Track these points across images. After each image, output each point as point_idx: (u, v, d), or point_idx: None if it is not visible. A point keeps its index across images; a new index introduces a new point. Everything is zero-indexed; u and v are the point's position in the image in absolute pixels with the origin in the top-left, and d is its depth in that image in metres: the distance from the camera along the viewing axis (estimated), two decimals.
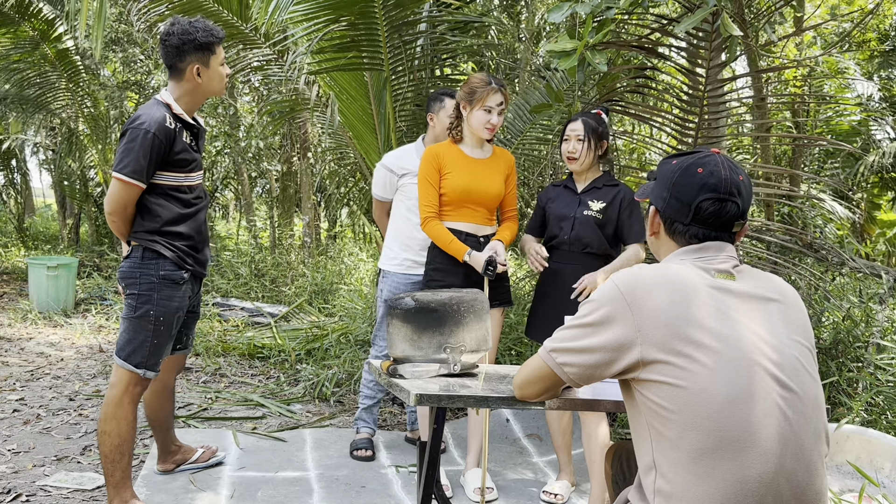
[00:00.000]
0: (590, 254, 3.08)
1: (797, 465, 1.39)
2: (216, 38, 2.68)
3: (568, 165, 3.15)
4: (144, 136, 2.54)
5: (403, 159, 3.51)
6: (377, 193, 3.63)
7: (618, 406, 1.85)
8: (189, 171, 2.71)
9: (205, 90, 2.72)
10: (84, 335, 6.02)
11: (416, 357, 2.11)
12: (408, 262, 3.47)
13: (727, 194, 1.53)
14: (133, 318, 2.66)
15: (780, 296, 1.52)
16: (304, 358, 5.18)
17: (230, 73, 2.78)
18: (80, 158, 9.71)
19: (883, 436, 3.05)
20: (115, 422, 2.65)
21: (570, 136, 3.10)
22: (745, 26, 3.66)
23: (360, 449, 3.55)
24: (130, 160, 2.55)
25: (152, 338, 2.66)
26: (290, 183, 10.74)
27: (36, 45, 8.47)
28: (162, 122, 2.58)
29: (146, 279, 2.65)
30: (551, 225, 3.17)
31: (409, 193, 3.46)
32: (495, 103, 3.04)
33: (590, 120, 3.09)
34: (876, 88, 9.45)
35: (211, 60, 2.68)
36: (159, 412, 3.06)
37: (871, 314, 4.10)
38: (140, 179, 2.58)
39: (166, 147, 2.60)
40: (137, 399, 2.70)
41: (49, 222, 15.90)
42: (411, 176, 3.44)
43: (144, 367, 2.67)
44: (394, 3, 4.08)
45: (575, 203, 3.12)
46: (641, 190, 1.73)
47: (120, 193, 2.59)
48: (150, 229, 2.66)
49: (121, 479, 2.68)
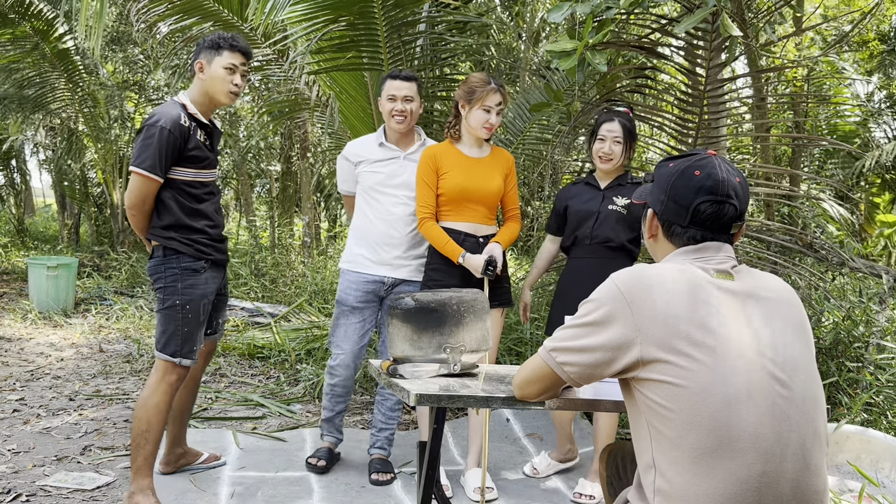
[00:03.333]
0: (611, 248, 3.11)
1: (797, 464, 1.39)
2: (226, 40, 2.79)
3: (600, 165, 3.15)
4: (160, 132, 2.68)
5: (361, 147, 3.33)
6: (340, 186, 3.47)
7: (618, 406, 1.85)
8: (202, 167, 2.83)
9: (207, 89, 2.81)
10: (84, 335, 6.02)
11: (416, 357, 2.11)
12: (361, 259, 3.26)
13: (724, 196, 1.53)
14: (163, 310, 2.80)
15: (778, 295, 1.52)
16: (304, 358, 5.18)
17: (240, 83, 2.81)
18: (80, 158, 9.71)
19: (883, 436, 3.05)
20: (147, 408, 2.76)
21: (607, 137, 3.10)
22: (744, 26, 3.66)
23: (314, 457, 3.32)
24: (148, 155, 2.69)
25: (182, 326, 2.79)
26: (290, 183, 10.75)
27: (36, 45, 8.47)
28: (177, 119, 2.72)
29: (170, 272, 2.79)
30: (572, 221, 3.17)
31: (364, 184, 3.27)
32: (494, 103, 3.05)
33: (625, 121, 3.11)
34: (876, 88, 9.45)
35: (214, 59, 2.78)
36: (178, 402, 3.10)
37: (871, 314, 4.11)
38: (157, 174, 2.71)
39: (181, 143, 2.73)
40: (173, 389, 2.81)
41: (49, 222, 15.91)
42: (367, 164, 3.26)
43: (180, 354, 2.79)
44: (393, 3, 4.08)
45: (598, 199, 3.14)
46: (638, 192, 1.73)
47: (140, 187, 2.72)
48: (165, 225, 2.78)
49: (142, 465, 2.77)
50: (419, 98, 3.22)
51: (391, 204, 3.22)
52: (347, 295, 3.26)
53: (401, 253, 3.23)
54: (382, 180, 3.22)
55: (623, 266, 3.00)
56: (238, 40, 2.82)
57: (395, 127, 3.19)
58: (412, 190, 3.20)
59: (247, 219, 10.71)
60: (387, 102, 3.18)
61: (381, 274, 3.24)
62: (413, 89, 3.17)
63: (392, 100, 3.16)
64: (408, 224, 3.23)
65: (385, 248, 3.22)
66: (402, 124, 3.18)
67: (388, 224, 3.21)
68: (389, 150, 3.25)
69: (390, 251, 3.22)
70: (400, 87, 3.15)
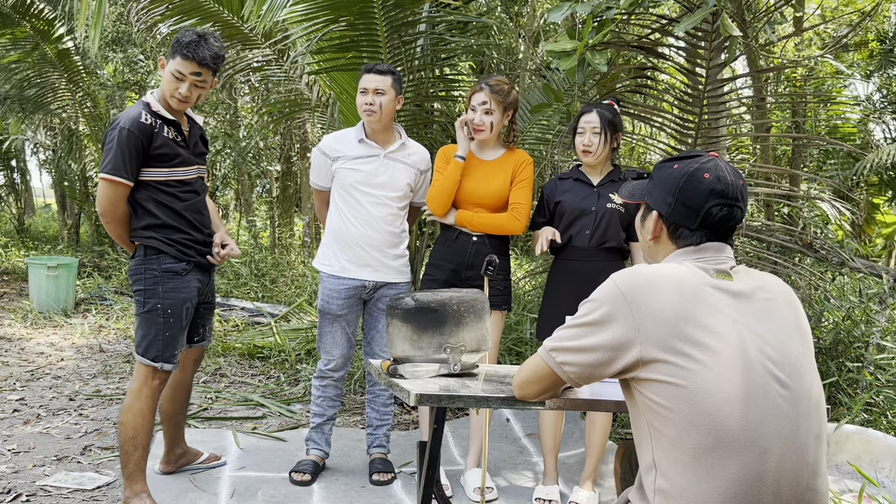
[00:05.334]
0: (608, 249, 3.04)
1: (797, 464, 1.39)
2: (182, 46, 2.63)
3: (582, 159, 3.07)
4: (120, 133, 2.61)
5: (340, 142, 3.19)
6: (312, 181, 3.30)
7: (618, 406, 1.85)
8: (174, 165, 2.73)
9: (163, 87, 2.72)
10: (84, 335, 6.02)
11: (416, 357, 2.11)
12: (341, 263, 3.15)
13: (734, 200, 1.53)
14: (143, 313, 2.73)
15: (777, 295, 1.53)
16: (304, 358, 5.18)
17: (184, 93, 2.66)
18: (79, 158, 9.71)
19: (883, 436, 3.05)
20: (130, 414, 2.72)
21: (586, 129, 3.01)
22: (744, 26, 3.67)
23: (298, 472, 3.19)
24: (110, 158, 2.62)
25: (164, 330, 2.72)
26: (290, 183, 10.75)
27: (36, 46, 8.48)
28: (136, 118, 2.64)
29: (150, 274, 2.72)
30: (567, 219, 3.06)
31: (342, 182, 3.14)
32: (477, 102, 3.04)
33: (604, 111, 3.02)
34: (875, 88, 9.45)
35: (170, 62, 2.68)
36: (170, 404, 3.08)
37: (871, 314, 4.11)
38: (123, 176, 2.63)
39: (144, 142, 2.64)
40: (156, 393, 2.76)
41: (49, 222, 15.90)
42: (345, 161, 3.13)
43: (161, 359, 2.74)
44: (393, 4, 4.08)
45: (594, 197, 3.05)
46: (629, 190, 1.71)
47: (107, 192, 2.65)
48: (145, 226, 2.71)
49: (133, 471, 2.74)
50: (394, 93, 3.10)
51: (370, 204, 3.12)
52: (330, 304, 3.17)
53: (381, 255, 3.16)
54: (362, 179, 3.11)
55: (618, 268, 2.98)
56: (199, 49, 2.63)
57: (365, 120, 3.13)
58: (393, 190, 3.15)
59: (247, 219, 10.72)
60: (359, 96, 3.10)
61: (362, 277, 3.15)
62: (386, 83, 3.08)
63: (363, 93, 3.09)
64: (388, 224, 3.15)
65: (365, 249, 3.13)
66: (371, 117, 3.08)
67: (367, 225, 3.12)
68: (369, 147, 3.15)
69: (371, 252, 3.14)
70: (371, 80, 3.08)
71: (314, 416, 3.30)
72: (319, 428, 3.30)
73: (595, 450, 3.14)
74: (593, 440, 3.14)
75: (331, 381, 3.26)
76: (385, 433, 3.39)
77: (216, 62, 2.69)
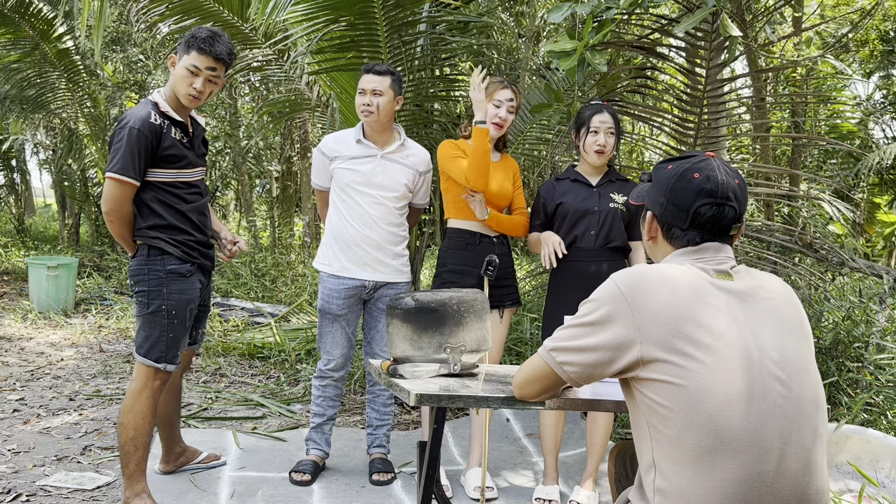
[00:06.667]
0: (612, 248, 3.04)
1: (797, 463, 1.39)
2: (198, 40, 2.63)
3: (593, 159, 3.04)
4: (129, 132, 2.58)
5: (338, 142, 3.19)
6: (313, 181, 3.32)
7: (618, 406, 1.86)
8: (181, 167, 2.72)
9: (174, 85, 2.70)
10: (84, 335, 6.02)
11: (416, 357, 2.11)
12: (341, 263, 3.16)
13: (724, 199, 1.53)
14: (146, 314, 2.70)
15: (777, 295, 1.53)
16: (304, 358, 5.18)
17: (200, 88, 2.66)
18: (80, 158, 9.71)
19: (883, 436, 3.05)
20: (132, 414, 2.71)
21: (600, 129, 3.00)
22: (744, 26, 3.67)
23: (298, 472, 3.19)
24: (119, 158, 2.59)
25: (168, 332, 2.71)
26: (290, 183, 10.75)
27: (36, 46, 8.48)
28: (146, 118, 2.61)
29: (154, 275, 2.69)
30: (570, 221, 3.04)
31: (340, 182, 3.15)
32: (504, 98, 3.05)
33: (613, 112, 3.06)
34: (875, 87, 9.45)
35: (184, 57, 2.66)
36: (163, 408, 3.07)
37: (871, 314, 4.11)
38: (131, 176, 2.61)
39: (153, 142, 2.62)
40: (157, 394, 2.75)
41: (49, 222, 15.91)
42: (343, 161, 3.14)
43: (164, 360, 2.73)
44: (393, 3, 4.08)
45: (595, 197, 3.05)
46: (636, 192, 1.72)
47: (114, 192, 2.62)
48: (151, 226, 2.69)
49: (134, 472, 2.73)
50: (393, 93, 3.10)
51: (368, 204, 3.12)
52: (330, 304, 3.18)
53: (380, 254, 3.15)
54: (359, 179, 3.11)
55: (621, 267, 2.99)
56: (215, 44, 2.64)
57: (363, 121, 3.13)
58: (391, 190, 3.14)
59: (247, 219, 10.72)
60: (357, 96, 3.11)
61: (362, 277, 3.15)
62: (384, 84, 3.08)
63: (362, 93, 3.09)
64: (387, 224, 3.15)
65: (364, 249, 3.13)
66: (368, 118, 3.08)
67: (365, 225, 3.12)
68: (367, 148, 3.15)
69: (370, 252, 3.14)
70: (369, 81, 3.08)
71: (314, 416, 3.30)
72: (319, 428, 3.30)
73: (597, 449, 3.14)
74: (595, 440, 3.15)
75: (331, 380, 3.26)
76: (385, 433, 3.39)
77: (230, 58, 2.71)
